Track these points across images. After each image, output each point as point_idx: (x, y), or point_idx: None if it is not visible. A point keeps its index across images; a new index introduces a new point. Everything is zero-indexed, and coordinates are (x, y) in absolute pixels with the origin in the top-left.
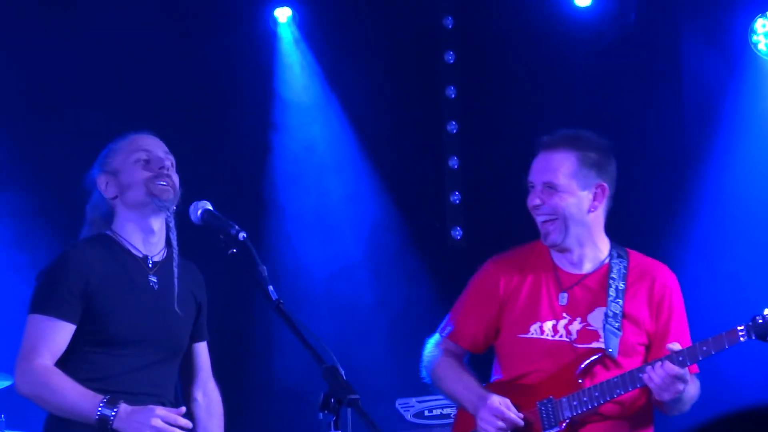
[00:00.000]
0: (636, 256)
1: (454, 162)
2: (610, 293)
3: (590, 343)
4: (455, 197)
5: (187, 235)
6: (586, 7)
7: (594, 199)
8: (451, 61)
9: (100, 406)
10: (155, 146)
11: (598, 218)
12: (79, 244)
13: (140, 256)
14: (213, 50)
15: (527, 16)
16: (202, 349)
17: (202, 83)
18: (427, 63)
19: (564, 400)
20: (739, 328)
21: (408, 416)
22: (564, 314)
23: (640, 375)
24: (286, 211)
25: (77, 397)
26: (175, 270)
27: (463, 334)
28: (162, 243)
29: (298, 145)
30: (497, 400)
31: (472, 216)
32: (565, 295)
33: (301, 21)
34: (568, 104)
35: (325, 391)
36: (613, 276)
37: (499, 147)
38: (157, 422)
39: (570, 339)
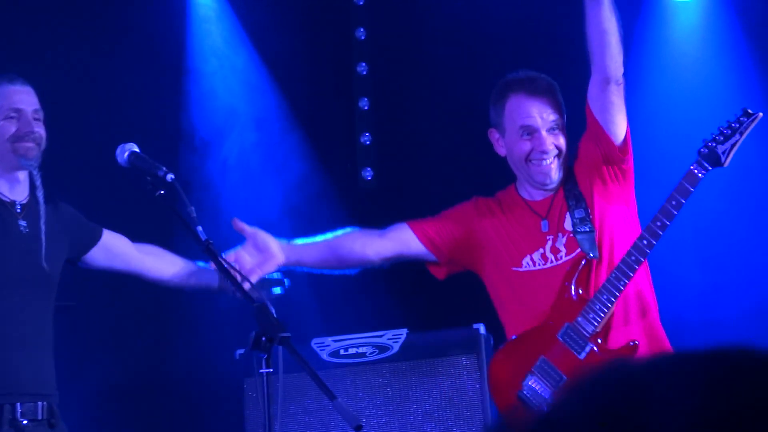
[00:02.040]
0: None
1: (364, 103)
2: (570, 203)
3: (575, 251)
4: (365, 138)
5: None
6: None
7: None
8: (361, 3)
9: None
10: (27, 103)
11: None
12: None
13: (7, 200)
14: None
15: None
16: (108, 238)
17: (116, 26)
18: (338, 7)
19: (579, 318)
20: (692, 166)
21: (324, 355)
22: (547, 237)
23: (632, 258)
24: (205, 157)
25: None
26: (42, 227)
27: (419, 224)
28: (27, 188)
29: (213, 90)
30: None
31: (382, 156)
32: (546, 222)
33: None
34: (471, 51)
35: (255, 330)
36: (568, 185)
37: (410, 88)
38: None
39: (558, 260)
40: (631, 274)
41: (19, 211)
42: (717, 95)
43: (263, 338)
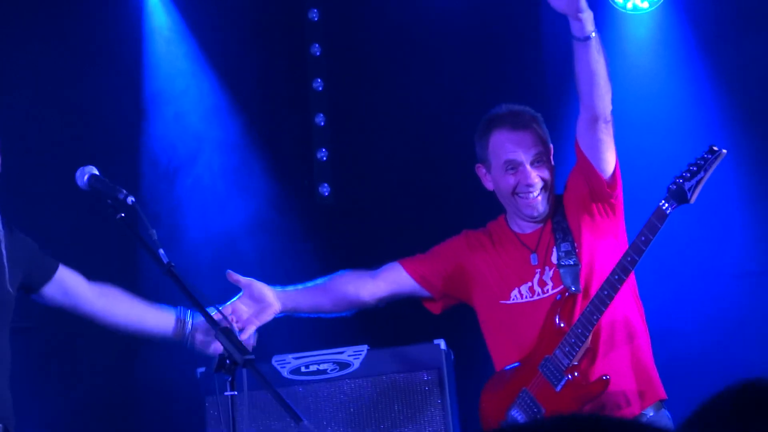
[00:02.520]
0: (564, 193)
1: (320, 119)
2: (557, 236)
3: (561, 285)
4: (322, 154)
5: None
6: None
7: None
8: (316, 19)
9: None
10: None
11: None
12: None
13: None
14: (81, 11)
15: None
16: (64, 274)
17: (71, 43)
18: (293, 17)
19: (557, 351)
20: (660, 203)
21: (285, 373)
22: (536, 270)
23: (605, 293)
24: (162, 176)
25: None
26: (4, 251)
27: (414, 265)
28: None
29: (170, 109)
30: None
31: (339, 173)
32: (535, 255)
33: None
34: (432, 60)
35: (220, 353)
36: (557, 218)
37: (366, 104)
38: None
39: (545, 293)
40: (603, 309)
41: None
42: (670, 107)
43: (227, 361)
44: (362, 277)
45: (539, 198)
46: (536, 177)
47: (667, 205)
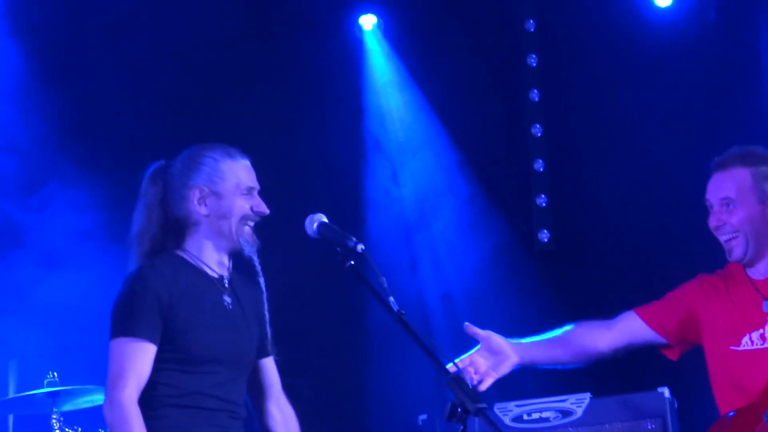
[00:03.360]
0: None
1: (539, 165)
2: None
3: None
4: (541, 200)
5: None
6: (667, 8)
7: None
8: (534, 64)
9: None
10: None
11: None
12: (155, 261)
13: (215, 276)
14: (301, 60)
15: (608, 18)
16: (269, 365)
17: (291, 93)
18: (510, 66)
19: None
20: None
21: (507, 420)
22: None
23: None
24: (382, 221)
25: None
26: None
27: (652, 313)
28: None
29: (390, 154)
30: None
31: (559, 218)
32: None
33: (386, 28)
34: (651, 104)
35: (452, 401)
36: None
37: (584, 148)
38: None
39: None
40: None
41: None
42: None
43: (459, 409)
44: (598, 328)
45: (732, 243)
46: (720, 220)
47: None
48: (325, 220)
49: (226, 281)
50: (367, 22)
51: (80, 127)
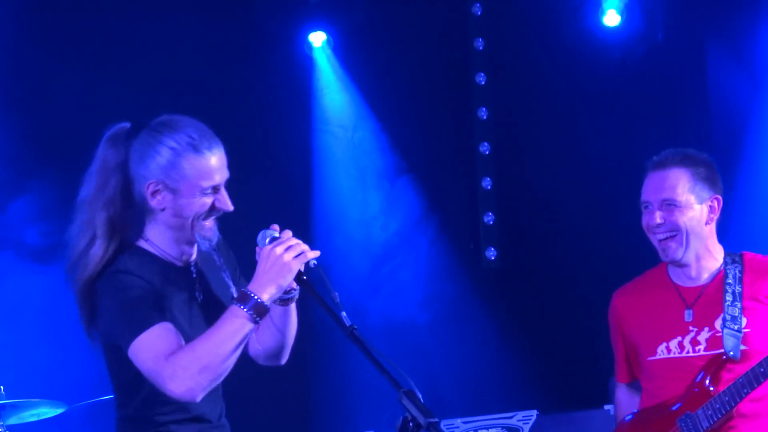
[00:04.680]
0: (751, 257)
1: (487, 183)
2: (727, 298)
3: (717, 350)
4: (489, 218)
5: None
6: (615, 27)
7: (710, 211)
8: (483, 83)
9: (240, 306)
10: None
11: (712, 230)
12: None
13: (182, 267)
14: (250, 77)
15: (557, 37)
16: None
17: (241, 109)
18: (459, 84)
19: (700, 411)
20: None
21: None
22: (690, 328)
23: (761, 370)
24: (332, 232)
25: (217, 331)
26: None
27: (622, 373)
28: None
29: (339, 165)
30: None
31: (505, 236)
32: (690, 311)
33: (336, 45)
34: (600, 123)
35: (403, 415)
36: (729, 281)
37: (532, 166)
38: (278, 249)
39: (696, 352)
40: (756, 385)
41: (194, 276)
42: None
43: (411, 423)
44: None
45: (669, 243)
46: (660, 218)
47: None
48: (278, 234)
49: (193, 270)
50: (317, 39)
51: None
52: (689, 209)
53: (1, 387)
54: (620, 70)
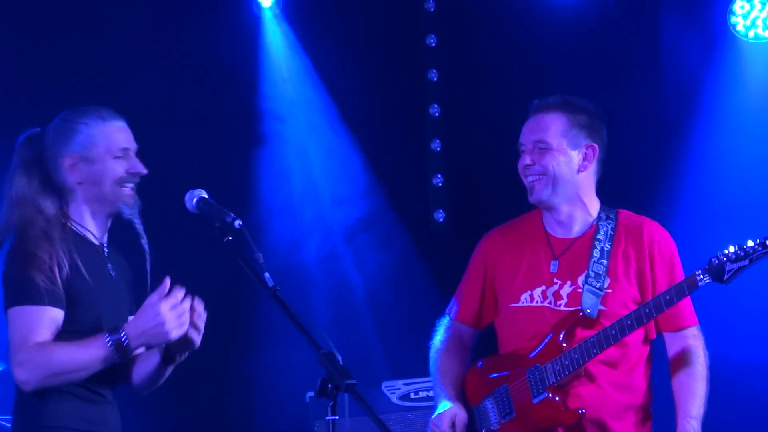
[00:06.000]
0: (626, 216)
1: (436, 145)
2: (594, 254)
3: (576, 306)
4: (438, 180)
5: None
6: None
7: (584, 159)
8: (434, 45)
9: (107, 339)
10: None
11: (587, 179)
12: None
13: (97, 243)
14: (197, 36)
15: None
16: None
17: (186, 70)
18: (409, 46)
19: (548, 365)
20: (696, 272)
21: (394, 399)
22: (555, 279)
23: (612, 332)
24: (274, 196)
25: (81, 349)
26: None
27: (465, 312)
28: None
29: (284, 132)
30: (447, 415)
31: (455, 198)
32: (556, 262)
33: (284, 5)
34: (551, 88)
35: (322, 377)
36: (599, 237)
37: (481, 129)
38: (166, 311)
39: (556, 304)
40: (605, 346)
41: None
42: None
43: (329, 385)
44: (458, 353)
45: (535, 183)
46: (530, 160)
47: (702, 276)
48: (205, 195)
49: (105, 248)
50: None
51: None
52: (561, 153)
53: None
54: (572, 36)
